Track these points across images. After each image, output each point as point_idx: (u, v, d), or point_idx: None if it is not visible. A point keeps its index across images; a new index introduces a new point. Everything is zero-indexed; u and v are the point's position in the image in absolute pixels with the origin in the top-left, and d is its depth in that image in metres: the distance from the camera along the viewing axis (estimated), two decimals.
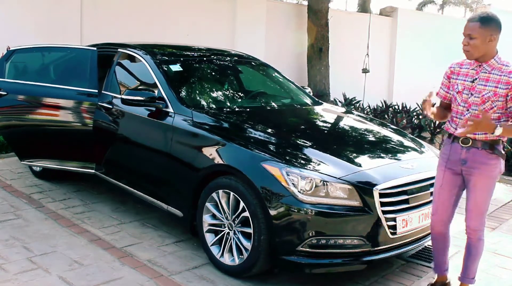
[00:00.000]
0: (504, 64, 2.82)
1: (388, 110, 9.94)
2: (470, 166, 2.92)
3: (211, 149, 3.54)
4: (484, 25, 2.76)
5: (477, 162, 2.89)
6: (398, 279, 3.49)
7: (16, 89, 4.86)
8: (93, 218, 4.38)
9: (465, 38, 2.81)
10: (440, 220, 3.12)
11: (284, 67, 9.11)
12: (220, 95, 4.70)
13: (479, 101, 2.85)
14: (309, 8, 10.67)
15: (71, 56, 5.08)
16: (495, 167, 2.88)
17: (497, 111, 2.82)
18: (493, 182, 2.92)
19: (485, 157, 2.87)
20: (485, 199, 2.94)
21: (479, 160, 2.88)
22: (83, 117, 4.66)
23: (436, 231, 3.17)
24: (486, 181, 2.91)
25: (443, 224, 3.13)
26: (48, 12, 7.62)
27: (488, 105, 2.82)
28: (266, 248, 3.15)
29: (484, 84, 2.83)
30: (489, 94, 2.81)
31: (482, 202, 2.95)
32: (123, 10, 8.53)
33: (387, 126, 4.52)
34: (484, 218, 2.99)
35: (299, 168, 3.16)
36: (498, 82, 2.79)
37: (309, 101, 5.00)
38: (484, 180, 2.91)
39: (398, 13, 13.49)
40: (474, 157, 2.89)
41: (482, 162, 2.88)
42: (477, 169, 2.90)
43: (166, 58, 4.57)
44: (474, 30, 2.77)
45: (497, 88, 2.78)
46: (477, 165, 2.89)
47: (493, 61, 2.83)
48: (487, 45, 2.78)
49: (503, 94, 2.77)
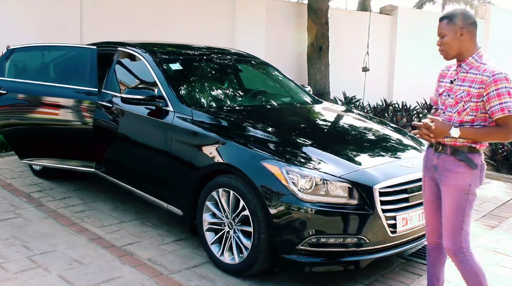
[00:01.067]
0: (483, 63, 2.62)
1: (388, 108, 9.93)
2: (439, 173, 2.72)
3: (211, 148, 3.54)
4: (452, 21, 2.64)
5: (445, 170, 2.68)
6: (398, 278, 3.50)
7: (16, 88, 4.86)
8: (93, 217, 4.38)
9: (439, 39, 2.70)
10: (430, 230, 2.93)
11: (284, 66, 9.10)
12: (220, 93, 4.70)
13: (453, 102, 2.67)
14: (309, 7, 10.66)
15: (71, 55, 5.08)
16: (463, 178, 2.61)
17: (470, 113, 2.60)
18: (461, 194, 2.62)
19: (453, 164, 2.64)
20: (453, 213, 2.65)
21: (447, 168, 2.67)
22: (83, 116, 4.66)
23: (429, 241, 2.97)
24: (454, 193, 2.64)
25: (435, 235, 2.90)
26: (48, 11, 7.62)
27: (460, 107, 2.63)
28: (266, 247, 3.15)
29: (460, 84, 2.66)
30: (462, 94, 2.62)
31: (450, 216, 2.66)
32: (123, 9, 8.53)
33: (387, 124, 4.52)
34: (458, 237, 2.65)
35: (299, 166, 3.16)
36: (472, 81, 2.60)
37: (309, 99, 5.00)
38: (452, 192, 2.65)
39: (398, 11, 13.48)
40: (443, 164, 2.69)
41: (449, 170, 2.66)
42: (445, 177, 2.68)
43: (166, 57, 4.57)
44: (443, 28, 2.66)
45: (471, 87, 2.59)
46: (445, 172, 2.68)
47: (471, 60, 2.65)
48: (460, 41, 2.63)
49: (476, 94, 2.57)
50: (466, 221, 2.66)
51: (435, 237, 2.92)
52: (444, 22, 2.67)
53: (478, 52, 2.67)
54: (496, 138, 2.65)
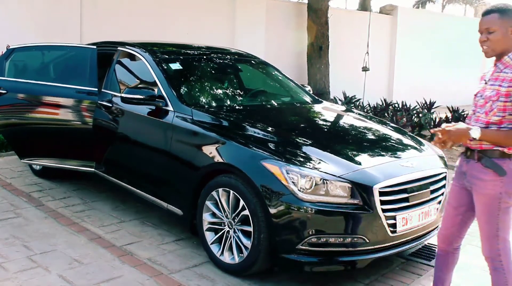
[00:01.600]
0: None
1: (388, 108, 9.93)
2: (468, 180, 2.60)
3: (211, 148, 3.54)
4: (504, 16, 2.44)
5: (473, 177, 2.56)
6: (398, 278, 3.49)
7: (16, 88, 4.86)
8: (93, 216, 4.38)
9: (483, 34, 2.48)
10: (443, 236, 2.84)
11: (284, 66, 9.09)
12: (220, 93, 4.70)
13: (483, 102, 2.53)
14: (309, 6, 10.66)
15: (71, 54, 5.08)
16: (493, 186, 2.47)
17: (497, 114, 2.45)
18: (492, 203, 2.49)
19: (480, 171, 2.51)
20: (486, 221, 2.54)
21: (474, 175, 2.54)
22: (83, 115, 4.66)
23: (438, 246, 2.89)
24: (485, 202, 2.52)
25: (446, 241, 2.83)
26: (48, 10, 7.62)
27: (488, 106, 2.48)
28: (266, 246, 3.15)
29: (492, 84, 2.50)
30: (491, 93, 2.47)
31: (483, 225, 2.57)
32: (122, 9, 8.53)
33: (387, 124, 4.52)
34: (495, 245, 2.54)
35: (299, 166, 3.16)
36: (503, 80, 2.44)
37: (309, 99, 5.00)
38: (482, 200, 2.53)
39: (398, 11, 13.49)
40: (471, 170, 2.56)
41: (477, 177, 2.53)
42: (474, 185, 2.56)
43: (166, 57, 4.57)
44: (492, 22, 2.44)
45: (500, 86, 2.44)
46: (474, 180, 2.56)
47: (507, 59, 2.47)
48: (509, 38, 2.44)
49: (504, 92, 2.42)
50: (502, 227, 2.53)
51: (445, 244, 2.84)
52: (494, 16, 2.45)
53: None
54: None
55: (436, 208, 3.51)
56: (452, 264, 2.89)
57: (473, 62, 13.97)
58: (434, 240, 4.01)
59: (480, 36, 2.51)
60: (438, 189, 3.54)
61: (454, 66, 14.47)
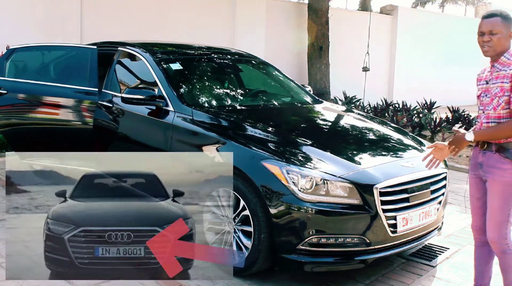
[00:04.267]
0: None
1: (389, 108, 9.93)
2: (485, 170, 2.83)
3: (211, 148, 3.54)
4: (507, 20, 2.73)
5: (490, 166, 2.79)
6: (399, 278, 3.49)
7: (16, 88, 4.86)
8: None
9: (486, 35, 2.73)
10: (476, 226, 3.01)
11: (284, 66, 9.10)
12: (220, 93, 4.70)
13: (489, 100, 2.79)
14: (309, 6, 10.67)
15: (71, 54, 5.08)
16: (510, 174, 2.72)
17: (505, 107, 2.72)
18: (508, 190, 2.74)
19: (498, 161, 2.75)
20: (500, 207, 2.77)
21: (492, 164, 2.78)
22: (83, 115, 4.66)
23: (474, 238, 3.05)
24: (500, 187, 2.76)
25: (480, 232, 2.98)
26: (48, 11, 7.62)
27: (495, 102, 2.75)
28: (266, 246, 3.15)
29: (494, 82, 2.77)
30: (496, 91, 2.74)
31: (496, 211, 2.78)
32: (123, 9, 8.53)
33: (387, 124, 4.51)
34: (504, 229, 2.78)
35: (299, 166, 3.16)
36: (504, 77, 2.72)
37: (309, 99, 5.00)
38: (497, 186, 2.77)
39: (398, 11, 13.50)
40: (488, 161, 2.80)
41: (494, 166, 2.77)
42: (491, 174, 2.79)
43: (166, 57, 4.57)
44: (496, 25, 2.71)
45: (503, 83, 2.72)
46: (491, 169, 2.79)
47: (503, 59, 2.75)
48: (507, 40, 2.74)
49: (508, 87, 2.69)
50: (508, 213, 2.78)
51: (480, 234, 2.99)
52: (497, 19, 2.72)
53: (509, 51, 2.77)
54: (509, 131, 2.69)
55: (436, 208, 3.51)
56: (490, 255, 3.02)
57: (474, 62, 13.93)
58: (434, 240, 4.02)
59: (483, 36, 2.75)
60: (438, 189, 3.54)
61: (455, 66, 14.48)
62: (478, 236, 3.02)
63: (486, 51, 2.76)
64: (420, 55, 13.78)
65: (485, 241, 2.95)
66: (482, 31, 2.75)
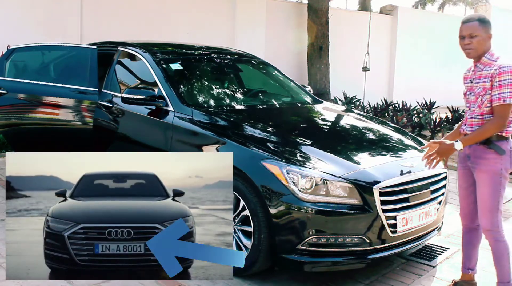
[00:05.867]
0: (494, 60, 2.93)
1: (388, 108, 9.93)
2: (472, 161, 3.01)
3: (211, 148, 3.54)
4: (485, 24, 2.93)
5: (477, 157, 2.98)
6: (399, 278, 3.49)
7: (16, 88, 4.87)
8: None
9: (466, 38, 2.93)
10: (463, 213, 3.21)
11: (284, 66, 9.10)
12: (220, 93, 4.70)
13: (474, 98, 2.99)
14: (309, 6, 10.67)
15: (71, 54, 5.08)
16: (494, 162, 2.92)
17: (487, 105, 2.91)
18: (495, 178, 2.93)
19: (483, 152, 2.95)
20: (489, 195, 2.94)
21: (478, 155, 2.97)
22: (83, 115, 4.66)
23: (462, 224, 3.25)
24: (487, 176, 2.94)
25: (467, 218, 3.19)
26: (48, 11, 7.62)
27: (479, 101, 2.94)
28: (266, 246, 3.15)
29: (478, 81, 2.97)
30: (479, 90, 2.94)
31: (486, 199, 2.95)
32: (123, 9, 8.53)
33: (387, 124, 4.52)
34: (495, 217, 2.96)
35: (299, 166, 3.16)
36: (485, 77, 2.91)
37: (309, 99, 5.00)
38: (484, 175, 2.95)
39: (398, 11, 13.50)
40: (474, 152, 2.99)
41: (480, 157, 2.96)
42: (478, 165, 2.98)
43: (166, 57, 4.57)
44: (476, 29, 2.90)
45: (485, 82, 2.91)
46: (477, 160, 2.98)
47: (484, 59, 2.94)
48: (487, 42, 2.93)
49: (489, 87, 2.88)
50: (501, 202, 2.97)
51: (467, 220, 3.20)
52: (475, 23, 2.91)
53: (489, 52, 2.96)
54: (492, 130, 2.88)
55: (436, 208, 3.51)
56: (476, 240, 3.21)
57: None
58: (434, 240, 4.02)
59: (464, 40, 2.95)
60: (438, 189, 3.54)
61: (455, 66, 14.44)
62: (465, 223, 3.21)
63: (468, 53, 2.95)
64: (420, 55, 13.78)
65: (472, 227, 3.18)
66: (463, 35, 2.95)
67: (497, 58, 2.93)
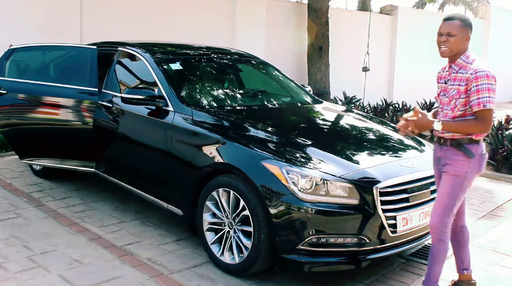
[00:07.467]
0: (469, 63, 2.87)
1: (388, 108, 9.92)
2: (443, 163, 3.00)
3: (211, 148, 3.54)
4: (464, 24, 2.86)
5: (446, 159, 2.96)
6: (399, 278, 3.50)
7: (16, 88, 4.87)
8: (93, 216, 4.38)
9: (443, 35, 2.87)
10: None
11: (284, 66, 9.10)
12: (220, 93, 4.70)
13: (447, 100, 2.94)
14: (309, 6, 10.66)
15: (71, 54, 5.08)
16: (462, 165, 2.89)
17: (460, 109, 2.87)
18: (458, 180, 2.90)
19: (453, 154, 2.93)
20: (447, 194, 2.91)
21: (447, 157, 2.96)
22: (83, 115, 4.66)
23: None
24: (450, 177, 2.92)
25: None
26: (48, 10, 7.61)
27: (452, 104, 2.90)
28: (266, 246, 3.15)
29: (452, 84, 2.92)
30: (453, 93, 2.89)
31: (443, 198, 2.93)
32: (123, 9, 8.52)
33: (387, 124, 4.52)
34: (446, 217, 2.93)
35: (299, 166, 3.16)
36: (461, 80, 2.86)
37: (309, 99, 5.00)
38: (448, 176, 2.93)
39: (398, 11, 13.49)
40: (445, 154, 2.98)
41: (449, 158, 2.94)
42: (446, 166, 2.96)
43: (166, 57, 4.57)
44: (454, 28, 2.84)
45: (460, 86, 2.86)
46: (446, 161, 2.96)
47: (459, 61, 2.89)
48: (464, 43, 2.87)
49: (463, 90, 2.84)
50: (456, 204, 2.95)
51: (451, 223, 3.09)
52: (455, 22, 2.85)
53: (465, 53, 2.90)
54: (475, 130, 2.84)
55: None
56: (464, 240, 3.20)
57: None
58: None
59: (441, 37, 2.89)
60: None
61: None
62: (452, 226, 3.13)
63: (442, 51, 2.89)
64: (420, 55, 13.77)
65: (456, 229, 3.14)
66: (441, 32, 2.89)
67: (473, 60, 2.87)
